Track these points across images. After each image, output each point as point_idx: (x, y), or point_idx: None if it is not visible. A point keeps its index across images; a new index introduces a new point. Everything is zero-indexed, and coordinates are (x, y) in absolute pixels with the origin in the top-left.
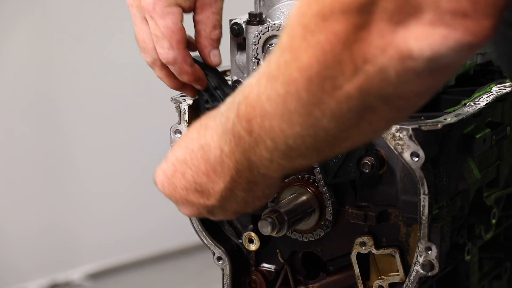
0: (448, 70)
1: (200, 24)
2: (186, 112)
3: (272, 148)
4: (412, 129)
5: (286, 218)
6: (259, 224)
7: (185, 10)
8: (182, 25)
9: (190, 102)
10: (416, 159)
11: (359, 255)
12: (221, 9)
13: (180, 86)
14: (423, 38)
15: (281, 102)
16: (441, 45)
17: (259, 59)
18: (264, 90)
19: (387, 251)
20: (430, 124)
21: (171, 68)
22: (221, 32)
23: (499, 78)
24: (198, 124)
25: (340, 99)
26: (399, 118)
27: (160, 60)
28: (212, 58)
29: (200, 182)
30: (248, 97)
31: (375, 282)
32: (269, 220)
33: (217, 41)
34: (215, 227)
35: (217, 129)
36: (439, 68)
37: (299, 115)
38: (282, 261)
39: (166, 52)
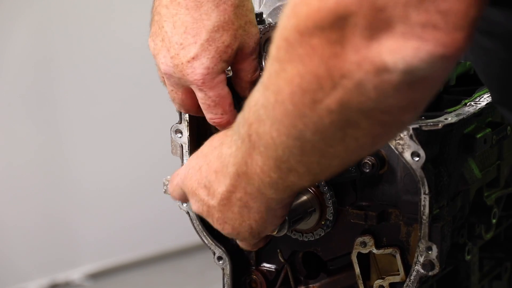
0: (427, 83)
1: (243, 72)
2: None
3: (265, 155)
4: (413, 128)
5: (286, 218)
6: None
7: (226, 69)
8: (227, 87)
9: None
10: (417, 158)
11: (359, 255)
12: (258, 53)
13: None
14: (396, 51)
15: (271, 110)
16: (414, 57)
17: (260, 58)
18: (260, 96)
19: (388, 251)
20: (431, 124)
21: (220, 128)
22: (260, 72)
23: None
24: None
25: (321, 113)
26: (385, 134)
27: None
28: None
29: (209, 179)
30: (251, 102)
31: (376, 282)
32: None
33: (256, 82)
34: None
35: (232, 130)
36: (417, 81)
37: (285, 126)
38: (282, 260)
39: (220, 117)
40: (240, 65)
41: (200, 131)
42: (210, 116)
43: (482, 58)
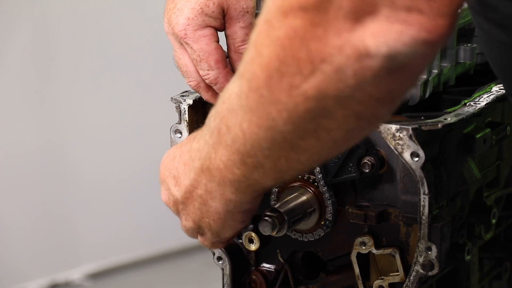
0: (407, 72)
1: (229, 39)
2: (186, 112)
3: (230, 149)
4: (412, 129)
5: (286, 218)
6: (259, 224)
7: (218, 28)
8: (217, 44)
9: (190, 102)
10: (416, 159)
11: (359, 255)
12: (251, 23)
13: None
14: (379, 34)
15: (244, 99)
16: (397, 41)
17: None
18: (233, 87)
19: (387, 251)
20: (430, 124)
21: (215, 88)
22: None
23: None
24: None
25: (297, 99)
26: (359, 129)
27: (204, 82)
28: None
29: (179, 170)
30: (225, 95)
31: (375, 282)
32: (269, 220)
33: None
34: None
35: (205, 125)
36: (397, 69)
37: (257, 115)
38: (282, 261)
39: (207, 73)
40: (228, 30)
41: None
42: (201, 73)
43: (496, 50)
